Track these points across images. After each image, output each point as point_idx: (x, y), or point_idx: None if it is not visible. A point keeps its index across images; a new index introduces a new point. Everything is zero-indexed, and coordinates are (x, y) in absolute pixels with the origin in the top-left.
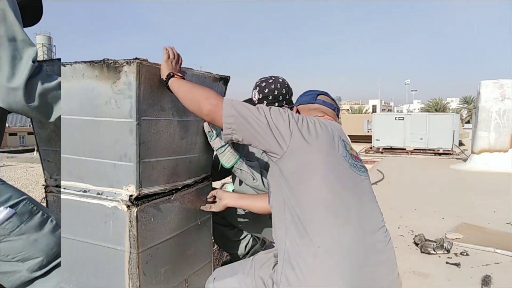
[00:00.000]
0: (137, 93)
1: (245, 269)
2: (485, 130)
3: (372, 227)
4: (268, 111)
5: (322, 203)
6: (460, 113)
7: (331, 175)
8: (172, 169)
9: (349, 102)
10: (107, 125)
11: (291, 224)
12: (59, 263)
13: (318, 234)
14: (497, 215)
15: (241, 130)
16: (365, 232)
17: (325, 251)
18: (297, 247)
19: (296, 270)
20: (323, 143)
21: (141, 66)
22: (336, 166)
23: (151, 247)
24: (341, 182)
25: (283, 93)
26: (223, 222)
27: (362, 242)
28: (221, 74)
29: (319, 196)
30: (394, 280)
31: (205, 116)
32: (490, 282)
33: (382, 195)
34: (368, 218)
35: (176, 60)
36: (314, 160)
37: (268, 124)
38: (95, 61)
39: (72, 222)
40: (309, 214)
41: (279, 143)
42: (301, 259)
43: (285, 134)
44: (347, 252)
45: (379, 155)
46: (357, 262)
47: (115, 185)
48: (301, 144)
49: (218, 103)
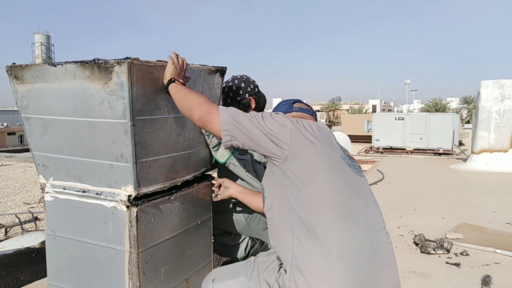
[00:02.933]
0: (130, 93)
1: (247, 271)
2: (485, 130)
3: (377, 228)
4: (262, 118)
5: (331, 207)
6: (460, 113)
7: (336, 177)
8: (170, 166)
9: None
10: (101, 126)
11: (299, 228)
12: None
13: (328, 238)
14: (497, 215)
15: (240, 137)
16: (372, 234)
17: (336, 255)
18: (306, 251)
19: (306, 274)
20: (324, 145)
21: (133, 66)
22: (339, 168)
23: (151, 247)
24: (346, 184)
25: (242, 86)
26: (217, 232)
27: (370, 244)
28: (217, 66)
29: (327, 199)
30: (396, 281)
31: (196, 122)
32: (490, 282)
33: (382, 195)
34: (373, 220)
35: (181, 66)
36: (318, 162)
37: (265, 130)
38: (86, 61)
39: (71, 222)
40: (318, 217)
41: (280, 147)
42: (311, 263)
43: (285, 137)
44: (357, 256)
45: (379, 155)
46: (366, 265)
47: (113, 185)
48: (303, 146)
49: (210, 110)
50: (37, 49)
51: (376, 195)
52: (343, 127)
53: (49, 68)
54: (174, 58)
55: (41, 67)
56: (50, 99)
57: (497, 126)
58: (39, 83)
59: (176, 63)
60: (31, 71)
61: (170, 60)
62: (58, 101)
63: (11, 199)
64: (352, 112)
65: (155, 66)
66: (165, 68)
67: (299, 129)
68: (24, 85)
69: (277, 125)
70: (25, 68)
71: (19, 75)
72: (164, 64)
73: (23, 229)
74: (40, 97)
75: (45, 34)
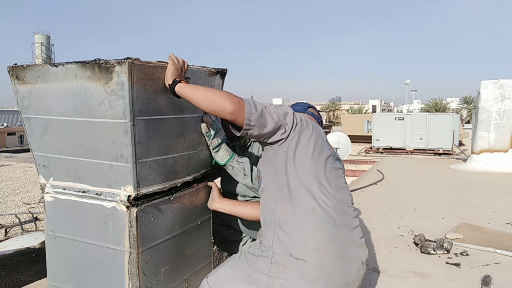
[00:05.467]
0: (130, 93)
1: (235, 263)
2: (485, 130)
3: (345, 199)
4: (274, 107)
5: (310, 174)
6: (460, 113)
7: (319, 156)
8: (170, 167)
9: (349, 102)
10: (102, 126)
11: (281, 194)
12: None
13: (304, 197)
14: (497, 215)
15: (259, 127)
16: (342, 204)
17: (310, 209)
18: (287, 210)
19: (287, 230)
20: (315, 132)
21: (133, 66)
22: (322, 152)
23: (151, 247)
24: (324, 162)
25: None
26: (219, 222)
27: (340, 205)
28: (217, 68)
29: (308, 169)
30: (362, 244)
31: (228, 115)
32: (490, 282)
33: (382, 195)
34: (344, 195)
35: (181, 66)
36: (309, 143)
37: (279, 116)
38: (87, 62)
39: (71, 222)
40: (298, 180)
41: (286, 128)
42: (290, 219)
43: (289, 121)
44: (328, 213)
45: (379, 155)
46: (340, 221)
47: (113, 185)
48: (300, 129)
49: (241, 102)
50: (37, 49)
51: (376, 195)
52: (343, 127)
53: (50, 69)
54: (175, 59)
55: (42, 67)
56: (50, 99)
57: (497, 126)
58: (40, 83)
59: (176, 63)
60: (32, 72)
61: (171, 61)
62: (58, 101)
63: (11, 199)
64: (352, 112)
65: (156, 66)
66: (166, 69)
67: (299, 120)
68: (25, 86)
69: (286, 112)
70: (27, 68)
71: (21, 75)
72: (165, 65)
73: (23, 229)
74: (40, 98)
75: (45, 34)
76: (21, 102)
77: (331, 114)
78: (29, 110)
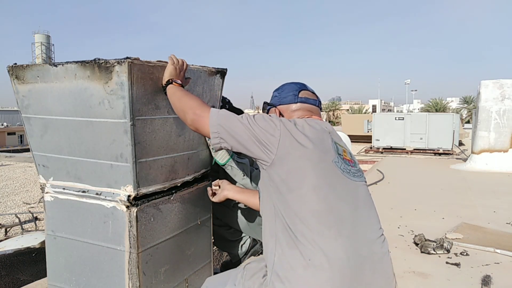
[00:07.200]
0: (130, 93)
1: (236, 279)
2: (485, 130)
3: (368, 237)
4: (253, 120)
5: (314, 214)
6: (460, 113)
7: (323, 183)
8: (170, 167)
9: (349, 102)
10: (101, 126)
11: (282, 235)
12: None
13: (309, 247)
14: (497, 215)
15: (229, 140)
16: (360, 244)
17: (316, 264)
18: (287, 259)
19: (285, 283)
20: (315, 147)
21: (133, 66)
22: (328, 174)
23: (151, 247)
24: (334, 191)
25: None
26: (218, 222)
27: (357, 254)
28: (217, 67)
29: (310, 207)
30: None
31: (189, 126)
32: (490, 282)
33: (382, 195)
34: (364, 229)
35: (180, 67)
36: (305, 167)
37: (252, 134)
38: (86, 61)
39: (71, 222)
40: (301, 225)
41: (266, 151)
42: (290, 271)
43: (272, 141)
44: (340, 266)
45: (379, 155)
46: (350, 276)
47: (113, 185)
48: (291, 149)
49: (202, 114)
50: (37, 49)
51: (376, 195)
52: (343, 127)
53: (50, 68)
54: (174, 59)
55: (42, 67)
56: (50, 99)
57: (497, 126)
58: (40, 83)
59: (176, 63)
60: (32, 71)
61: (170, 60)
62: (58, 101)
63: (11, 199)
64: (352, 112)
65: (155, 66)
66: (165, 69)
67: (289, 131)
68: (25, 85)
69: (266, 128)
70: (26, 68)
71: (20, 75)
72: (164, 65)
73: (23, 229)
74: (40, 97)
75: (45, 34)
76: (21, 101)
77: (331, 114)
78: (29, 110)
